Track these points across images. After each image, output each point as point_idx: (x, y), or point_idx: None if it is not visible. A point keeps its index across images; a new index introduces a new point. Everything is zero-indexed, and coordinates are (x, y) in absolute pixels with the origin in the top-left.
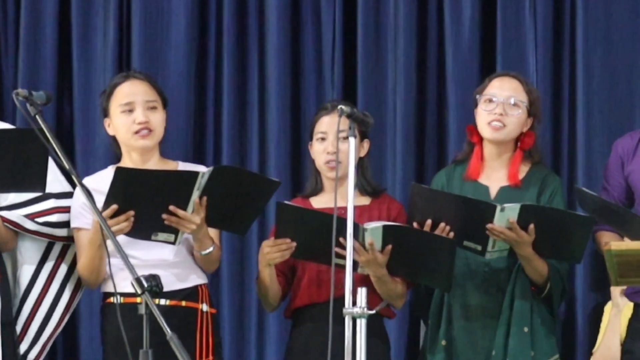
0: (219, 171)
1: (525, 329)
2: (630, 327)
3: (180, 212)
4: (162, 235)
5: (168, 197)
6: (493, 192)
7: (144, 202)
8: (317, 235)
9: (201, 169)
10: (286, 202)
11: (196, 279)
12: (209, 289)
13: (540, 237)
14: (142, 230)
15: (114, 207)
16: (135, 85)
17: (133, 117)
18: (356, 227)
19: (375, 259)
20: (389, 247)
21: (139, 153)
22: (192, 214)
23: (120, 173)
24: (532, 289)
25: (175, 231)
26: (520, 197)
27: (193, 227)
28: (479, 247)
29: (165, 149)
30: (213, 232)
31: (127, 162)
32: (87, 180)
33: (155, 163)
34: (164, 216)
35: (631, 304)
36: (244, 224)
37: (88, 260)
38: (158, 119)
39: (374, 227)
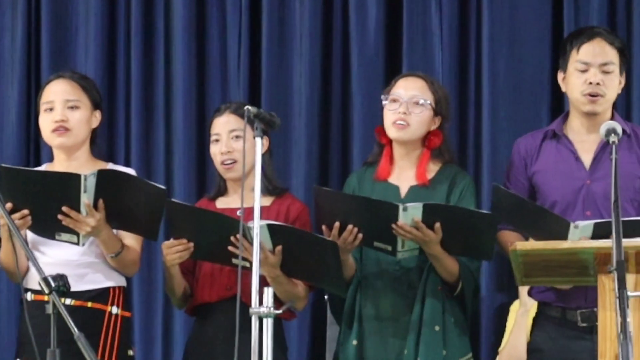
0: (104, 175)
1: (437, 328)
2: (536, 325)
3: (73, 213)
4: (65, 236)
5: (59, 198)
6: (403, 191)
7: (36, 201)
8: (212, 234)
9: (130, 171)
10: (174, 200)
11: (106, 281)
12: (124, 292)
13: (448, 235)
14: (45, 229)
15: (9, 205)
16: (59, 85)
17: (52, 115)
18: (244, 226)
19: (266, 259)
20: (279, 247)
21: (63, 152)
22: (87, 216)
23: (2, 171)
24: (439, 289)
25: (77, 232)
26: (430, 196)
27: (88, 228)
28: (389, 247)
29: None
30: (132, 236)
31: (55, 162)
32: None
33: (82, 163)
34: (59, 217)
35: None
36: (150, 230)
37: (2, 254)
38: (77, 119)
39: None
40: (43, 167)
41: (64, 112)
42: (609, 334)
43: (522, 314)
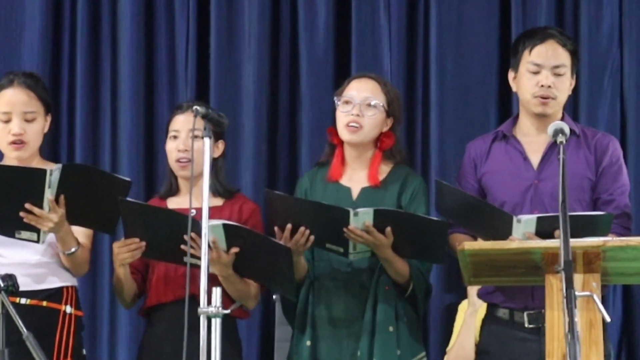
0: (69, 169)
1: (390, 328)
2: (484, 327)
3: (36, 209)
4: (25, 234)
5: (22, 195)
6: (355, 193)
7: None
8: (165, 233)
9: None
10: (128, 198)
11: (60, 281)
12: (76, 292)
13: (399, 239)
14: (5, 227)
15: None
16: (16, 94)
17: (9, 127)
18: (198, 224)
19: (219, 258)
20: (234, 247)
21: (16, 159)
22: (50, 212)
23: None
24: (387, 288)
25: (37, 229)
26: (381, 197)
27: (51, 225)
28: (341, 249)
29: None
30: (84, 235)
31: (5, 162)
32: None
33: (34, 166)
34: (22, 214)
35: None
36: (109, 223)
37: None
38: (34, 130)
39: (214, 225)
40: None
41: (22, 125)
42: (557, 333)
43: (470, 313)
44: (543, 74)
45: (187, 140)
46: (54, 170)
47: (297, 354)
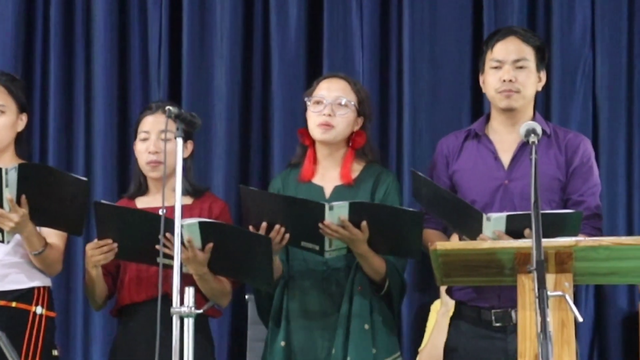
0: (26, 168)
1: (366, 327)
2: (452, 324)
3: None
4: None
5: None
6: (328, 191)
7: None
8: (139, 234)
9: None
10: (103, 201)
11: (30, 281)
12: (49, 292)
13: (375, 233)
14: None
15: None
16: None
17: None
18: (173, 223)
19: (195, 257)
20: (210, 245)
21: None
22: (10, 212)
23: None
24: (359, 289)
25: (1, 229)
26: (355, 195)
27: (11, 224)
28: (317, 247)
29: None
30: (55, 235)
31: None
32: None
33: (6, 163)
34: None
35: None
36: (75, 224)
37: None
38: (2, 124)
39: (189, 224)
40: None
41: None
42: (529, 333)
43: (443, 313)
44: (504, 69)
45: (158, 142)
46: (9, 169)
47: (271, 354)
